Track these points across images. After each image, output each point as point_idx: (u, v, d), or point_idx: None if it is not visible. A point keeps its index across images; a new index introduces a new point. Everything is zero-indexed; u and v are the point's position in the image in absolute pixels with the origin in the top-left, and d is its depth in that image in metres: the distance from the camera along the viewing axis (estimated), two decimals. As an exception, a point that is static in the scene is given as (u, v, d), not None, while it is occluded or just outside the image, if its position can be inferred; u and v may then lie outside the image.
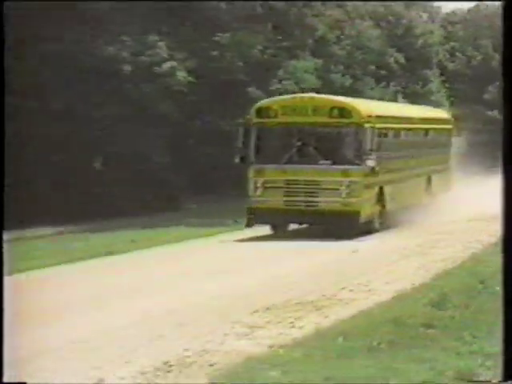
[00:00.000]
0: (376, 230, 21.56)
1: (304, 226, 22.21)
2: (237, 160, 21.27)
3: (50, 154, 28.37)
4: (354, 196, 20.48)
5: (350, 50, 39.87)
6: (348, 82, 37.13)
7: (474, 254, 16.70)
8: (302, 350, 9.14)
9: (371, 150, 20.47)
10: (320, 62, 35.98)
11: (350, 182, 20.50)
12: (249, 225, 21.21)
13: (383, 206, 22.07)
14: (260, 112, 21.56)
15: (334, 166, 20.70)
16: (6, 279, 15.29)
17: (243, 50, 30.36)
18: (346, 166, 20.68)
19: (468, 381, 6.08)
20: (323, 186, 20.64)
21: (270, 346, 9.58)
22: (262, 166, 21.04)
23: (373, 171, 20.78)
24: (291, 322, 10.98)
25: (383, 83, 41.38)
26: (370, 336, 9.48)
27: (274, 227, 21.57)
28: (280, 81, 31.96)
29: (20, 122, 27.05)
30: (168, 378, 8.51)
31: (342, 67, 38.23)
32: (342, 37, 39.62)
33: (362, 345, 9.13)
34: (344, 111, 21.13)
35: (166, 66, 29.10)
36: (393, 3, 47.44)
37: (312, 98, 22.30)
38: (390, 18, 47.09)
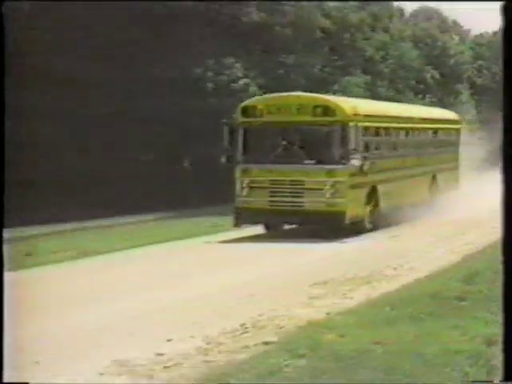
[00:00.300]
0: (367, 230, 17.93)
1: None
2: (223, 160, 17.99)
3: (141, 154, 28.66)
4: (338, 196, 16.99)
5: (393, 67, 39.62)
6: (391, 94, 36.88)
7: (495, 242, 15.96)
8: (355, 317, 9.09)
9: (355, 150, 17.13)
10: (368, 78, 35.84)
11: (334, 181, 16.98)
12: (236, 225, 17.84)
13: (376, 206, 18.42)
14: (245, 111, 17.98)
15: (319, 166, 17.17)
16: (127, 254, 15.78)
17: (305, 69, 30.34)
18: (331, 166, 17.13)
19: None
20: (308, 186, 17.13)
21: (328, 313, 9.52)
22: (248, 166, 17.54)
23: (361, 170, 17.50)
24: (344, 294, 10.89)
25: (421, 95, 41.10)
26: (412, 306, 9.40)
27: (267, 227, 18.24)
28: (334, 93, 31.82)
29: (124, 125, 27.41)
30: (245, 337, 8.55)
31: (386, 82, 38.09)
32: (387, 57, 39.39)
33: (406, 314, 9.05)
34: (328, 109, 17.42)
35: (241, 82, 29.27)
36: (431, 28, 47.04)
37: (297, 96, 18.64)
38: (428, 40, 46.72)
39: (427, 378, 6.68)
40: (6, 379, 5.89)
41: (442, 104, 42.14)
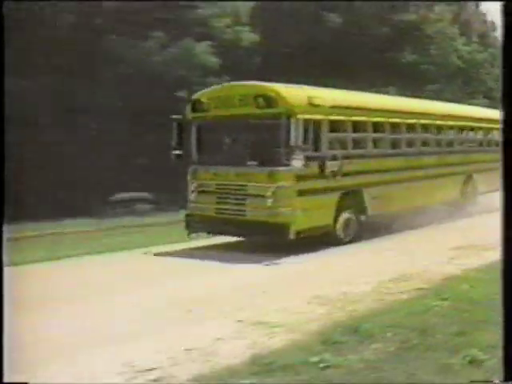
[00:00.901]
0: (342, 243, 11.23)
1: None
2: (172, 158, 11.30)
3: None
4: (282, 205, 10.20)
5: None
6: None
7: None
8: (483, 273, 8.64)
9: (298, 148, 10.13)
10: (488, 101, 34.42)
11: (276, 187, 10.18)
12: (188, 234, 11.29)
13: (362, 213, 11.72)
14: (194, 106, 11.43)
15: (261, 168, 10.42)
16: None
17: (443, 95, 29.36)
18: (272, 168, 10.26)
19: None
20: (249, 192, 10.48)
21: (464, 270, 9.12)
22: (196, 168, 11.28)
23: (322, 172, 10.64)
24: (475, 256, 10.32)
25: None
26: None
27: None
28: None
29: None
30: (404, 284, 8.36)
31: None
32: (503, 86, 37.58)
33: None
34: (270, 100, 10.35)
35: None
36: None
37: (239, 85, 11.14)
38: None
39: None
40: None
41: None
